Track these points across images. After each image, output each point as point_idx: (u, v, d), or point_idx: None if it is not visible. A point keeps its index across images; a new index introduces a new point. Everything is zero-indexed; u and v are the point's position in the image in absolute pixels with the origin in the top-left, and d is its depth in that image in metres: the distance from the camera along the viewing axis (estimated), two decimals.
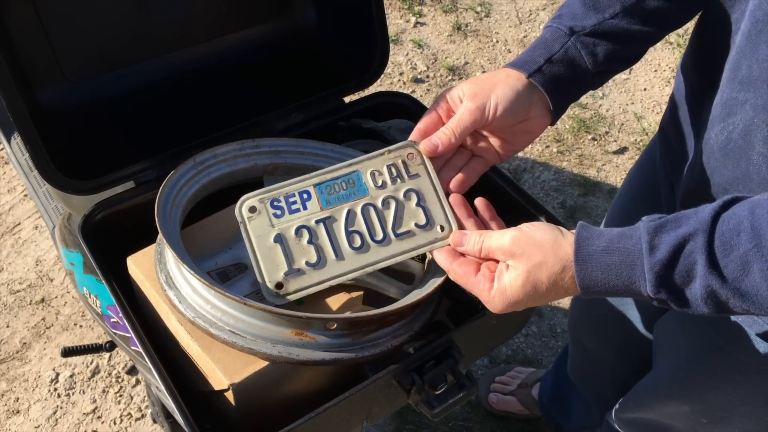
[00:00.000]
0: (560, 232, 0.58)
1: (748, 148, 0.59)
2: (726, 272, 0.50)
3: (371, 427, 1.47)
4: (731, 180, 0.62)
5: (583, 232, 0.57)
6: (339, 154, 0.83)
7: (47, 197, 1.06)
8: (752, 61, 0.56)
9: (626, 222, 0.98)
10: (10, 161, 1.37)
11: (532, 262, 0.57)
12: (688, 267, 0.51)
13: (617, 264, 0.54)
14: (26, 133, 0.72)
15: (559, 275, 0.56)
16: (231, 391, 0.63)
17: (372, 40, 0.92)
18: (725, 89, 0.60)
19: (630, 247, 0.54)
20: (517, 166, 1.99)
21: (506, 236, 0.60)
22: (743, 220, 0.50)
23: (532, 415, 1.49)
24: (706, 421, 0.86)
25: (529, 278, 0.57)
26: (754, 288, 0.49)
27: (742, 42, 0.57)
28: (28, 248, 1.75)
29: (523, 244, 0.58)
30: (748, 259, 0.48)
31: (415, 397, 0.66)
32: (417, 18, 2.37)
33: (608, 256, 0.54)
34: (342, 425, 0.71)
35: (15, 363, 1.55)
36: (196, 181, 0.78)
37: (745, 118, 0.58)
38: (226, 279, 0.72)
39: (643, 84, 2.24)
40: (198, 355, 0.66)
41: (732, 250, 0.49)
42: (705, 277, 0.50)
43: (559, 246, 0.57)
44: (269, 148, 0.82)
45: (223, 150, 0.80)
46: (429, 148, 0.69)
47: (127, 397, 1.50)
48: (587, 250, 0.55)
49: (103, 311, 0.92)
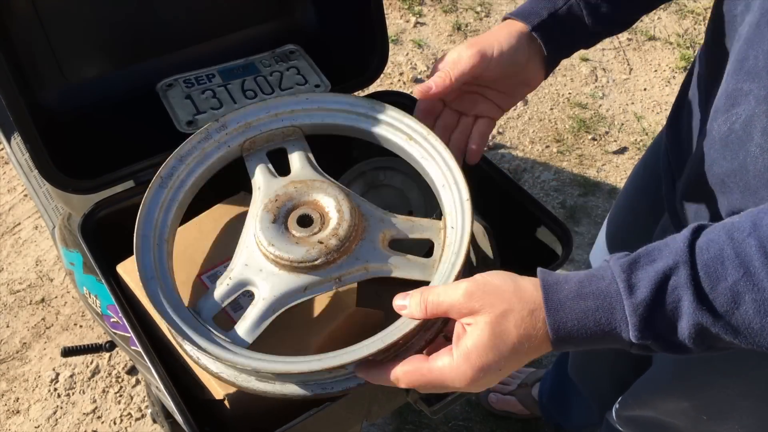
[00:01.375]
0: (518, 277, 0.52)
1: (748, 139, 0.58)
2: (716, 306, 0.45)
3: (371, 426, 1.47)
4: (728, 172, 0.61)
5: (547, 277, 0.51)
6: (316, 104, 0.80)
7: (47, 197, 1.06)
8: (759, 51, 0.55)
9: (631, 216, 0.98)
10: (10, 161, 1.37)
11: (495, 312, 0.50)
12: (674, 305, 0.46)
13: (593, 309, 0.48)
14: (26, 132, 0.72)
15: (529, 321, 0.50)
16: (226, 400, 0.63)
17: (371, 40, 0.92)
18: (730, 80, 0.60)
19: (604, 289, 0.48)
20: (517, 166, 1.99)
21: (457, 290, 0.52)
22: (724, 247, 0.45)
23: (532, 415, 1.49)
24: (707, 418, 0.86)
25: (494, 331, 0.50)
26: (746, 321, 0.44)
27: (750, 32, 0.57)
28: (28, 248, 1.75)
29: (480, 296, 0.51)
30: (738, 289, 0.44)
31: (413, 395, 0.66)
32: (417, 18, 2.37)
33: (582, 301, 0.48)
34: (341, 424, 0.71)
35: (15, 363, 1.55)
36: (171, 204, 0.71)
37: (747, 109, 0.57)
38: (240, 308, 0.69)
39: (643, 84, 2.24)
40: (192, 364, 0.66)
41: (719, 282, 0.45)
42: (694, 314, 0.45)
43: (523, 290, 0.51)
44: (238, 124, 0.77)
45: (187, 150, 0.75)
46: (422, 89, 0.67)
47: (127, 397, 1.50)
48: (558, 297, 0.49)
49: (103, 311, 0.92)
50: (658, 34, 2.40)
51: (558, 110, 2.15)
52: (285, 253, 0.64)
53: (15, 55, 0.78)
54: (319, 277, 0.64)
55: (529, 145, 2.05)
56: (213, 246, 0.74)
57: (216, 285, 0.66)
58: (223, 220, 0.77)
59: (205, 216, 0.77)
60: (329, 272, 0.64)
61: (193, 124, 0.80)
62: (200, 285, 0.72)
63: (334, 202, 0.68)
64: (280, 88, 0.85)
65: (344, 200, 0.68)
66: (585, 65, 2.28)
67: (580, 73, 2.26)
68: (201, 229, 0.76)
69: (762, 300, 0.44)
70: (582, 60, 2.28)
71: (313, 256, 0.63)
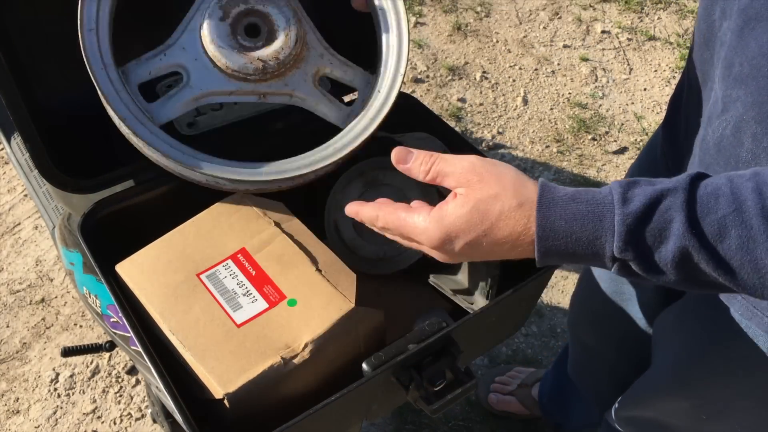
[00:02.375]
0: (525, 174, 0.52)
1: (738, 144, 0.58)
2: (704, 233, 0.45)
3: (371, 426, 1.47)
4: None
5: (547, 181, 0.51)
6: None
7: (47, 197, 1.06)
8: (743, 58, 0.56)
9: None
10: (10, 161, 1.37)
11: (487, 192, 0.50)
12: (663, 224, 0.46)
13: (583, 213, 0.47)
14: (26, 131, 0.72)
15: (514, 214, 0.49)
16: (226, 400, 0.63)
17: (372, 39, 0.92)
18: (720, 85, 0.60)
19: (599, 198, 0.48)
20: (517, 166, 1.99)
21: (464, 161, 0.52)
22: (722, 187, 0.46)
23: (532, 415, 1.49)
24: (706, 417, 0.86)
25: (477, 206, 0.50)
26: (728, 255, 0.45)
27: (733, 39, 0.57)
28: (28, 248, 1.75)
29: (481, 171, 0.51)
30: (726, 223, 0.45)
31: (413, 394, 0.66)
32: (417, 18, 2.38)
33: (574, 204, 0.48)
34: (342, 423, 0.71)
35: (15, 363, 1.55)
36: None
37: (735, 115, 0.58)
38: (157, 97, 0.70)
39: (643, 84, 2.24)
40: (192, 363, 0.66)
41: (710, 213, 0.46)
42: (682, 236, 0.45)
43: (522, 184, 0.50)
44: None
45: None
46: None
47: (127, 397, 1.50)
48: (551, 196, 0.49)
49: (103, 311, 0.92)
50: (658, 34, 2.40)
51: (558, 110, 2.15)
52: (224, 58, 0.66)
53: (15, 55, 0.78)
54: (247, 89, 0.67)
55: (529, 145, 2.05)
56: (211, 245, 0.75)
57: (150, 54, 0.67)
58: (222, 219, 0.77)
59: (204, 215, 0.77)
60: (257, 87, 0.67)
61: (194, 125, 0.80)
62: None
63: (285, 24, 0.69)
64: None
65: (294, 25, 0.69)
66: (585, 65, 2.28)
67: (580, 73, 2.26)
68: (199, 228, 0.76)
69: (747, 237, 0.45)
70: (582, 60, 2.28)
71: (249, 71, 0.66)
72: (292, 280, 0.70)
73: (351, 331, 0.69)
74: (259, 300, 0.69)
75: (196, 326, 0.67)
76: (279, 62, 0.67)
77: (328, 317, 0.67)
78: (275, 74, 0.67)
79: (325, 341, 0.67)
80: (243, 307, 0.68)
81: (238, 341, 0.66)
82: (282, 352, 0.65)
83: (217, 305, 0.69)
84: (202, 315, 0.68)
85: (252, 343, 0.66)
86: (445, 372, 0.66)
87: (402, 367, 0.65)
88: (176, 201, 0.82)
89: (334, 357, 0.69)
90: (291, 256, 0.73)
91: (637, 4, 2.50)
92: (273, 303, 0.69)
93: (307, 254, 0.73)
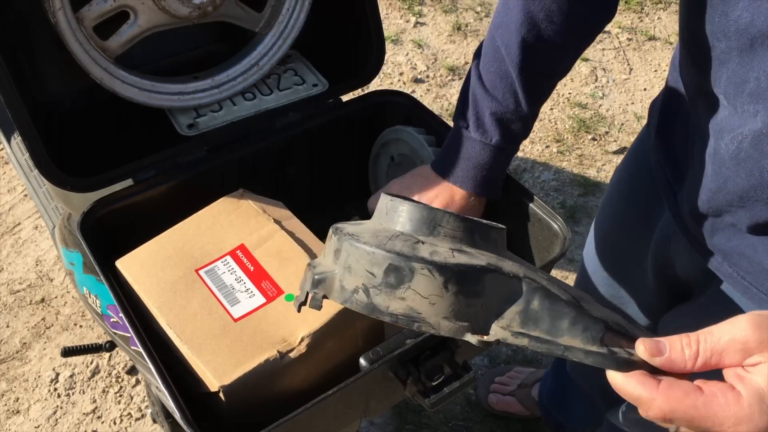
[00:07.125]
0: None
1: (761, 156, 0.59)
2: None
3: (371, 426, 1.47)
4: (746, 188, 0.62)
5: None
6: None
7: (47, 197, 1.06)
8: (760, 73, 0.57)
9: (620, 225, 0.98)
10: (10, 161, 1.38)
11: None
12: None
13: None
14: (25, 131, 0.72)
15: None
16: (222, 393, 0.63)
17: (368, 38, 0.92)
18: (732, 102, 0.61)
19: None
20: (517, 166, 1.99)
21: (735, 324, 0.42)
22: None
23: (532, 416, 1.49)
24: None
25: None
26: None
27: (742, 57, 0.58)
28: (28, 248, 1.75)
29: (766, 324, 0.41)
30: None
31: (411, 389, 0.66)
32: (417, 18, 2.38)
33: None
34: (340, 418, 0.71)
35: (15, 363, 1.55)
36: None
37: (754, 129, 0.59)
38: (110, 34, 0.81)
39: (643, 84, 2.24)
40: (188, 357, 0.66)
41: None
42: None
43: None
44: None
45: None
46: None
47: (127, 397, 1.50)
48: None
49: (103, 311, 0.92)
50: (658, 34, 2.41)
51: (558, 110, 2.15)
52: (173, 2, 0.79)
53: (15, 55, 0.78)
54: (182, 22, 0.82)
55: (529, 145, 2.05)
56: (211, 241, 0.75)
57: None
58: (222, 217, 0.77)
59: (204, 212, 0.78)
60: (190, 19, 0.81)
61: (194, 127, 0.81)
62: None
63: None
64: (278, 89, 0.87)
65: None
66: (585, 65, 2.28)
67: (580, 73, 2.26)
68: (199, 225, 0.76)
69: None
70: (582, 60, 2.29)
71: (188, 17, 0.81)
72: (290, 276, 0.71)
73: (349, 326, 0.69)
74: (257, 295, 0.69)
75: (193, 320, 0.67)
76: (215, 6, 0.82)
77: (326, 312, 0.67)
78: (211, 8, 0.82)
79: (323, 336, 0.67)
80: (240, 301, 0.69)
81: (235, 335, 0.66)
82: (278, 345, 0.65)
83: (215, 300, 0.69)
84: (199, 309, 0.68)
85: (249, 337, 0.66)
86: (443, 366, 0.66)
87: (400, 361, 0.65)
88: (175, 199, 0.82)
89: (332, 352, 0.69)
90: (289, 252, 0.73)
91: (637, 4, 2.50)
92: (271, 298, 0.69)
93: (305, 250, 0.73)
